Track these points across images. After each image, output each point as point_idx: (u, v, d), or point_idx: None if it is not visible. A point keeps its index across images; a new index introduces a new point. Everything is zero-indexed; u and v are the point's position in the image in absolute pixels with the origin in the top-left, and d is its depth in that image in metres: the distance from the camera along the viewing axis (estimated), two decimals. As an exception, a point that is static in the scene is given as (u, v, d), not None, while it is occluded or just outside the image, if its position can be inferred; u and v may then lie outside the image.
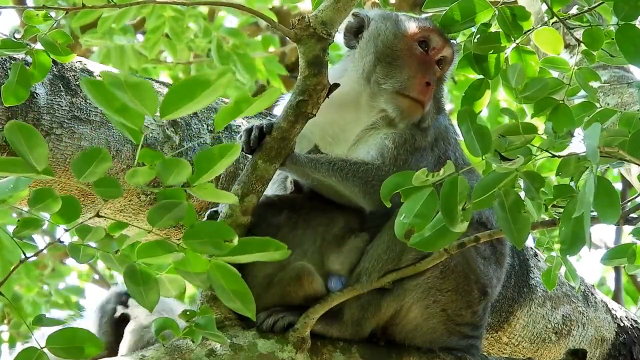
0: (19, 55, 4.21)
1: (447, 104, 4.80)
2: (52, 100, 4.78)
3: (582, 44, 4.40)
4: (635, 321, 5.72)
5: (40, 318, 3.33)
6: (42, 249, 3.31)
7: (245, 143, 4.11)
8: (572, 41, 5.21)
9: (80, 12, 7.90)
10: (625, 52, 4.10)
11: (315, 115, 4.05)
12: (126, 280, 3.18)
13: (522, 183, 3.37)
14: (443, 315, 4.21)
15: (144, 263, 3.19)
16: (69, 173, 4.77)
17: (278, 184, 4.42)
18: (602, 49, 4.40)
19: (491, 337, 5.35)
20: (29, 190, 3.17)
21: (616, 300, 9.38)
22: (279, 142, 4.07)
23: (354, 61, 4.49)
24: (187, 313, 3.73)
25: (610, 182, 3.26)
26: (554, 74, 4.52)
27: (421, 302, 4.16)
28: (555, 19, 4.46)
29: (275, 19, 6.06)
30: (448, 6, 4.41)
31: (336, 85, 4.07)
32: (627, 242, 3.97)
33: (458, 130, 3.97)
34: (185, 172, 3.06)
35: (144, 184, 3.12)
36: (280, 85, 9.54)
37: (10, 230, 3.28)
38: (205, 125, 5.13)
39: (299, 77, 4.03)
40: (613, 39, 4.16)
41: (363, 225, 4.23)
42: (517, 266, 5.41)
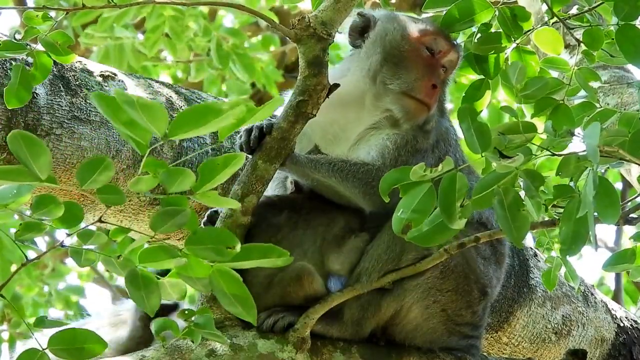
0: (19, 56, 4.21)
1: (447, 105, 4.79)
2: (52, 100, 4.78)
3: (582, 44, 4.40)
4: (635, 321, 5.72)
5: (42, 320, 3.33)
6: (44, 253, 3.32)
7: (245, 143, 4.11)
8: (572, 41, 5.21)
9: (80, 12, 7.89)
10: (625, 52, 4.10)
11: (315, 115, 4.05)
12: (127, 284, 3.19)
13: (521, 182, 3.37)
14: (443, 315, 4.21)
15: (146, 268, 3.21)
16: (69, 173, 4.77)
17: (278, 184, 4.42)
18: (602, 49, 4.40)
19: (491, 337, 5.35)
20: (31, 195, 3.18)
21: (616, 300, 9.38)
22: (279, 142, 4.07)
23: (359, 60, 4.47)
24: (186, 312, 3.73)
25: (610, 182, 3.26)
26: (554, 74, 4.52)
27: (421, 302, 4.16)
28: (555, 19, 4.46)
29: (275, 19, 6.06)
30: (448, 6, 4.42)
31: (336, 86, 4.06)
32: (628, 247, 3.95)
33: (459, 131, 3.97)
34: (188, 181, 3.08)
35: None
36: (275, 91, 9.54)
37: (12, 231, 3.29)
38: (205, 125, 5.12)
39: (299, 77, 4.03)
40: (613, 39, 4.16)
41: (363, 226, 4.23)
42: (517, 266, 5.41)
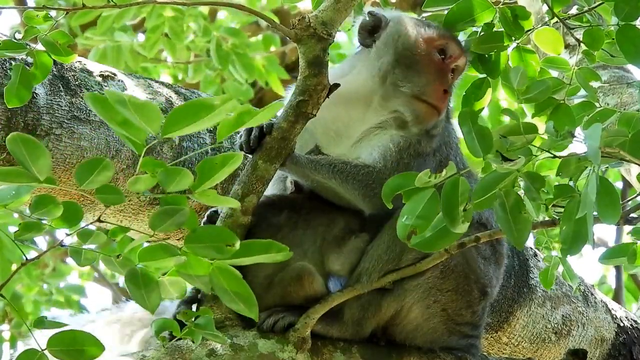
0: (19, 55, 4.21)
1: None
2: (51, 100, 4.78)
3: (582, 44, 4.40)
4: (635, 321, 5.72)
5: (42, 320, 3.33)
6: (43, 252, 3.32)
7: (245, 143, 4.10)
8: (572, 41, 5.20)
9: (79, 12, 7.89)
10: (625, 52, 4.10)
11: (315, 115, 4.04)
12: (127, 282, 3.19)
13: (522, 183, 3.37)
14: (443, 315, 4.21)
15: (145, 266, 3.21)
16: (69, 173, 4.77)
17: (278, 183, 4.41)
18: (602, 49, 4.40)
19: (491, 337, 5.35)
20: (31, 195, 3.18)
21: (617, 298, 9.39)
22: (279, 142, 4.07)
23: (368, 60, 4.44)
24: (187, 313, 3.73)
25: (610, 182, 3.26)
26: (554, 73, 4.52)
27: (421, 302, 4.16)
28: (555, 19, 4.46)
29: (275, 19, 6.06)
30: (448, 6, 4.41)
31: (336, 86, 4.06)
32: (627, 242, 3.97)
33: (459, 131, 3.97)
34: (186, 180, 3.08)
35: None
36: (279, 87, 9.52)
37: (11, 230, 3.29)
38: (205, 125, 5.12)
39: (299, 77, 4.02)
40: (613, 39, 4.16)
41: (363, 226, 4.23)
42: (517, 266, 5.41)
